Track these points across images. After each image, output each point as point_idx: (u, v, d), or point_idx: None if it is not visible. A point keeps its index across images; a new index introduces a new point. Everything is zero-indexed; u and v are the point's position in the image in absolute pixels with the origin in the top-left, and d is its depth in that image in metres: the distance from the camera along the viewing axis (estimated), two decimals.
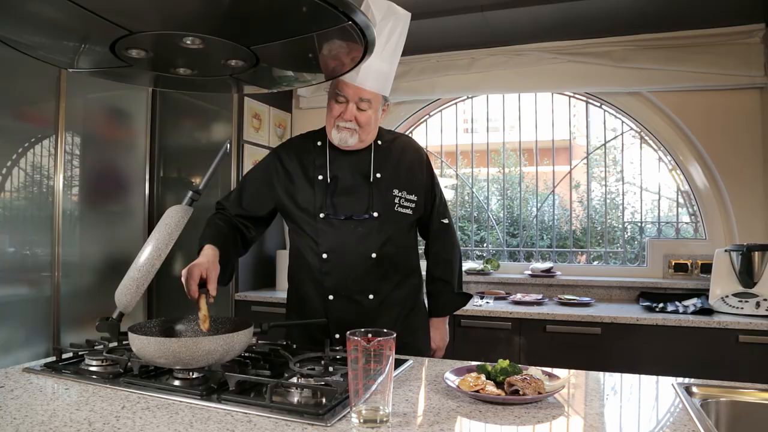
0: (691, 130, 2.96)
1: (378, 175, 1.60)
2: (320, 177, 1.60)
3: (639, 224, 3.30)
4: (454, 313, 1.83)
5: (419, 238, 1.78)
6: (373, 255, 1.55)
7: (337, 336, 1.55)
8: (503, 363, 1.15)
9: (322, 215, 1.56)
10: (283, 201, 1.63)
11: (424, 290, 1.79)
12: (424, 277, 1.78)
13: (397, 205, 1.60)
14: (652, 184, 3.26)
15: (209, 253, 1.46)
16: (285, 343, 1.44)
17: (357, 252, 1.55)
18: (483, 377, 1.14)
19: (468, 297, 1.80)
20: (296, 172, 1.63)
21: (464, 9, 2.78)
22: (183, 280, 1.37)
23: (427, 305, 1.78)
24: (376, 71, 1.51)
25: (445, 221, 1.75)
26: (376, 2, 1.51)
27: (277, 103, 3.57)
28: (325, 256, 1.56)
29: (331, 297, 1.57)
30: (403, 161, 1.66)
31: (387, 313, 1.60)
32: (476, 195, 3.62)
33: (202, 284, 1.38)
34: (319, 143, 1.65)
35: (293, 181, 1.62)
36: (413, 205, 1.63)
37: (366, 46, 1.29)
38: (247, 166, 3.29)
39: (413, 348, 1.61)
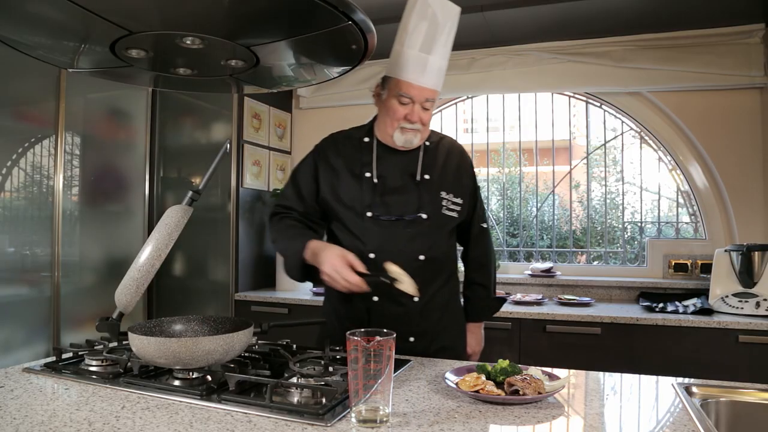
0: (691, 130, 2.97)
1: (426, 177, 1.57)
2: (367, 174, 1.56)
3: (639, 224, 3.30)
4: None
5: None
6: (421, 257, 1.52)
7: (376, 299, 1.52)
8: (503, 363, 1.15)
9: (369, 214, 1.53)
10: (327, 197, 1.58)
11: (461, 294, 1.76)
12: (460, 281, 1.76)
13: (444, 208, 1.57)
14: (652, 184, 3.26)
15: (323, 244, 1.44)
16: (285, 343, 1.44)
17: (405, 253, 1.51)
18: (483, 377, 1.14)
19: (503, 301, 1.78)
20: (341, 168, 1.59)
21: (464, 9, 2.74)
22: (334, 277, 1.33)
23: (464, 309, 1.75)
24: (438, 69, 1.49)
25: (485, 225, 1.72)
26: (442, 7, 1.49)
27: (277, 103, 3.57)
28: (372, 255, 1.51)
29: (375, 298, 1.53)
30: (449, 163, 1.63)
31: (429, 317, 1.57)
32: None
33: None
34: (366, 140, 1.61)
35: (338, 177, 1.58)
36: (459, 209, 1.60)
37: (366, 45, 1.29)
38: (248, 166, 3.29)
39: (452, 351, 1.59)
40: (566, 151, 3.54)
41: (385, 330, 0.97)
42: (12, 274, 2.55)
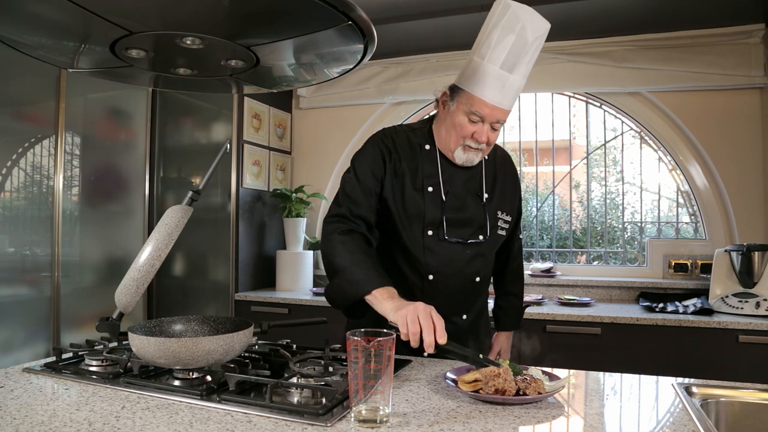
0: (690, 130, 2.97)
1: (486, 195, 1.50)
2: (430, 188, 1.44)
3: (639, 224, 3.30)
4: None
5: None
6: (477, 279, 1.50)
7: (425, 355, 1.32)
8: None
9: (430, 232, 1.42)
10: (390, 204, 1.43)
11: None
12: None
13: (499, 228, 1.52)
14: (652, 184, 3.26)
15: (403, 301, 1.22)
16: (285, 343, 1.44)
17: (463, 275, 1.47)
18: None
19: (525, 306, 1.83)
20: (404, 175, 1.44)
21: (464, 9, 2.78)
22: (412, 332, 1.12)
23: (496, 319, 1.76)
24: (517, 89, 1.38)
25: (521, 236, 1.74)
26: (532, 22, 1.32)
27: (277, 103, 3.57)
28: (431, 277, 1.44)
29: None
30: (507, 180, 1.57)
31: (474, 331, 1.56)
32: None
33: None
34: (427, 147, 1.48)
35: (403, 184, 1.44)
36: (507, 226, 1.56)
37: (366, 45, 1.29)
38: (247, 166, 3.29)
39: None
40: (566, 151, 3.54)
41: (384, 330, 0.97)
42: (12, 274, 2.55)
